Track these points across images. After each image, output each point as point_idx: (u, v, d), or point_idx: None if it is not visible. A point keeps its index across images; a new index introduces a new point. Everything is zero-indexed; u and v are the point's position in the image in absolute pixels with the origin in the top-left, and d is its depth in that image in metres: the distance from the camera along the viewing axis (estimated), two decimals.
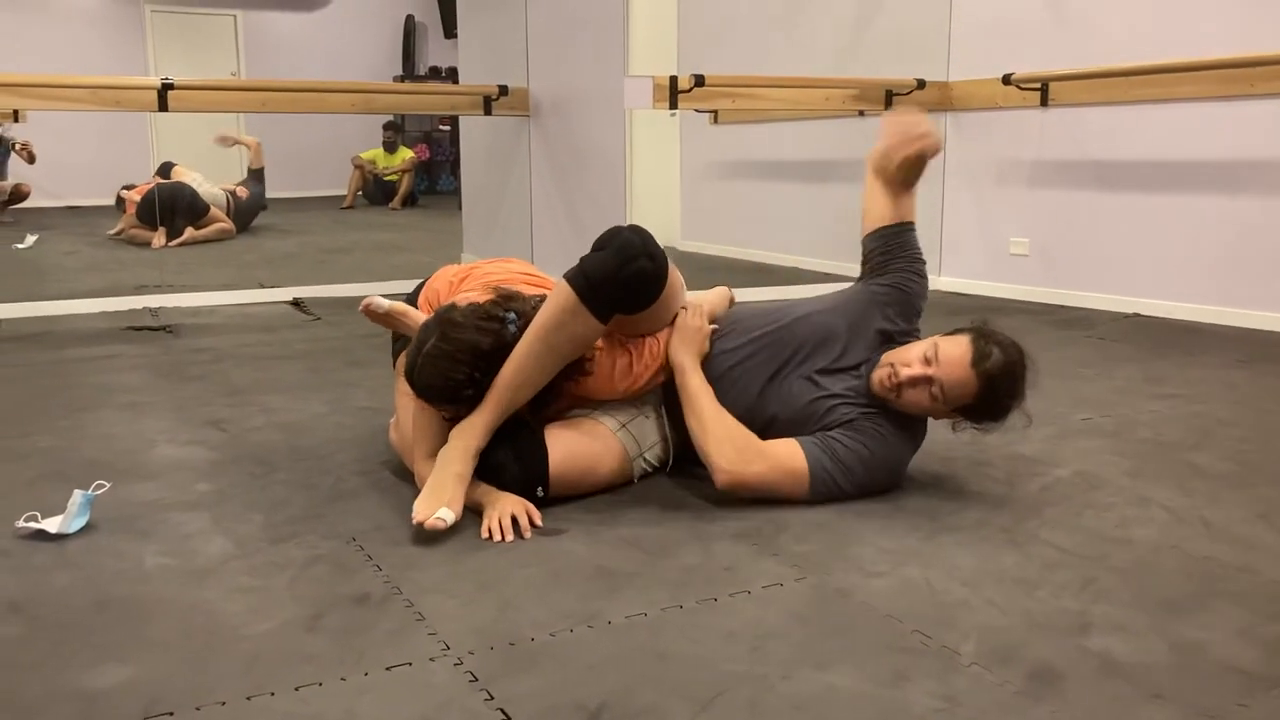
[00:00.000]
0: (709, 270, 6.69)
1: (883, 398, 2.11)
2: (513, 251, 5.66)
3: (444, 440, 2.17)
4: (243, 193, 8.00)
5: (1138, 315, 4.54)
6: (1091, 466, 2.30)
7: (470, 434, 2.03)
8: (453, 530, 1.94)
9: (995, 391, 2.03)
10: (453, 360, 2.01)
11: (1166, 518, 1.99)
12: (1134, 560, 1.79)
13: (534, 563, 1.81)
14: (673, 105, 4.90)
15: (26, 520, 1.99)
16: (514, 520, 1.95)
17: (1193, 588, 1.68)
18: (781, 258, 6.66)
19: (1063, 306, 4.85)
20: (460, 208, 6.43)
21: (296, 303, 4.97)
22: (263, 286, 5.40)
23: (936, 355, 2.05)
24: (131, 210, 7.71)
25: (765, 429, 2.12)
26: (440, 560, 1.83)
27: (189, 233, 7.63)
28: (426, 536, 1.90)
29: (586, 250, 2.04)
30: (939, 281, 5.52)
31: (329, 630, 1.57)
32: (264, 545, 1.92)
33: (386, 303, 2.29)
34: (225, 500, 2.17)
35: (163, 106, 4.67)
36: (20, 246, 7.53)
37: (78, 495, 2.01)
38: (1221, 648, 1.48)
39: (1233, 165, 4.27)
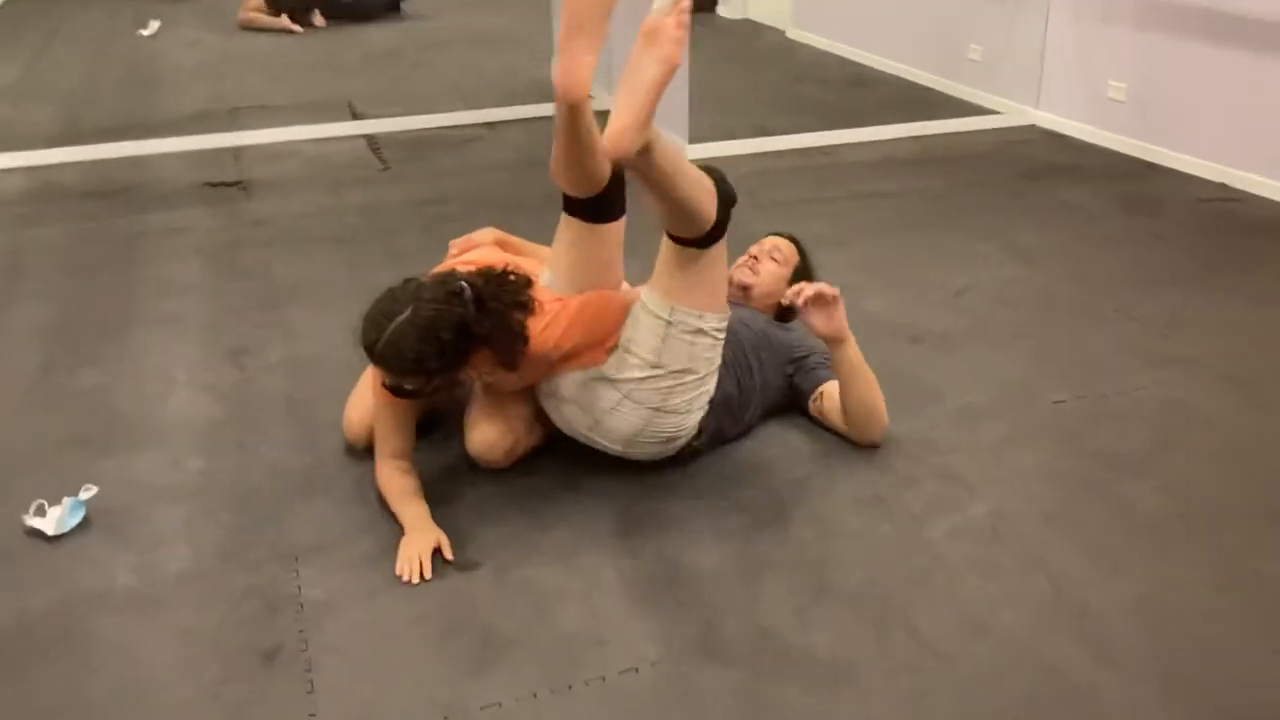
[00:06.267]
0: (816, 67, 6.43)
1: (741, 286, 2.71)
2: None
3: (408, 439, 2.35)
4: None
5: (1225, 189, 4.24)
6: (1011, 501, 2.31)
7: None
8: (382, 559, 2.15)
9: (805, 253, 2.84)
10: (429, 332, 2.09)
11: (1046, 597, 2.02)
12: (976, 671, 1.84)
13: (433, 614, 2.02)
14: None
15: (35, 513, 2.30)
16: (436, 550, 2.16)
17: None
18: (885, 63, 6.34)
19: (1151, 165, 4.56)
20: None
21: (373, 145, 5.08)
22: (355, 116, 5.51)
23: (760, 246, 2.80)
24: None
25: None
26: (358, 600, 2.05)
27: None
28: (358, 569, 2.13)
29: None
30: (1034, 115, 5.22)
31: (227, 702, 1.83)
32: (217, 564, 2.17)
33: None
34: (207, 489, 2.43)
35: None
36: (144, 33, 7.78)
37: (68, 501, 2.31)
38: None
39: None
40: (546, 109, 5.58)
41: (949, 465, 2.43)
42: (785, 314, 2.76)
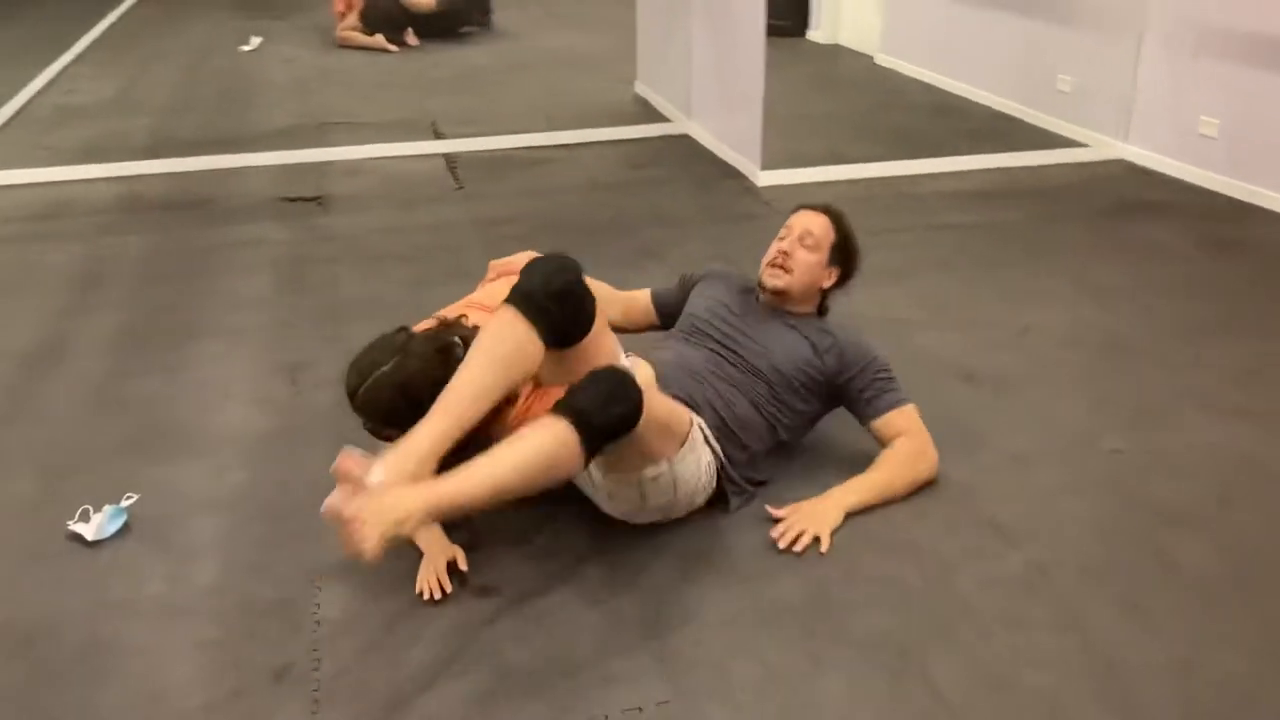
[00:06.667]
0: (901, 94, 6.34)
1: (774, 291, 2.52)
2: (674, 74, 5.53)
3: None
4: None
5: None
6: (1052, 553, 2.21)
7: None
8: (403, 582, 2.15)
9: (842, 222, 2.58)
10: (403, 389, 2.15)
11: (1075, 653, 1.93)
12: None
13: (446, 640, 2.01)
14: None
15: (79, 519, 2.36)
16: (452, 563, 2.17)
17: None
18: (972, 91, 6.22)
19: (1242, 205, 4.38)
20: None
21: (450, 164, 5.14)
22: (437, 135, 5.59)
23: (789, 230, 2.55)
24: (355, 12, 8.02)
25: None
26: (374, 622, 2.06)
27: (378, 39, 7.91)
28: (379, 591, 2.14)
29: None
30: (1122, 149, 5.05)
31: (233, 716, 1.84)
32: (245, 577, 2.20)
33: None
34: (246, 499, 2.47)
35: None
36: (245, 49, 8.02)
37: (108, 508, 2.36)
38: None
39: None
40: (621, 132, 5.60)
41: (990, 513, 2.35)
42: (827, 296, 2.63)
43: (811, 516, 2.27)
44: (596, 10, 9.32)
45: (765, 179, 4.71)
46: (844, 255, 2.57)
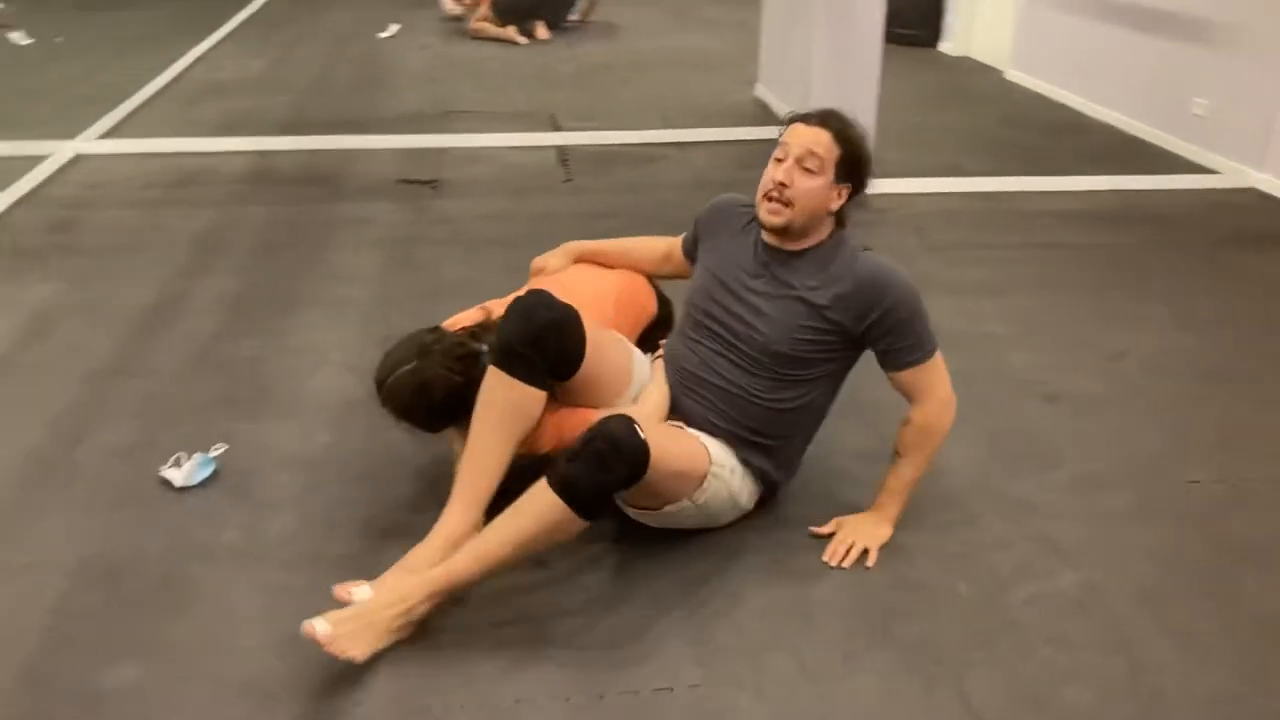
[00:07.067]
0: (1026, 110, 6.21)
1: (774, 230, 2.22)
2: (794, 77, 5.53)
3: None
4: None
5: None
6: (1108, 575, 2.17)
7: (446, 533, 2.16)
8: None
9: (847, 133, 2.20)
10: (421, 390, 2.26)
11: (1120, 679, 1.90)
12: None
13: (490, 606, 2.08)
14: None
15: (171, 465, 2.51)
16: None
17: None
18: (1101, 111, 6.06)
19: None
20: None
21: (563, 157, 5.24)
22: (555, 127, 5.71)
23: (786, 150, 2.19)
24: (485, 3, 8.22)
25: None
26: None
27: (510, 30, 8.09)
28: None
29: None
30: (1256, 178, 4.87)
31: (287, 658, 1.95)
32: (316, 532, 2.31)
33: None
34: (328, 462, 2.58)
35: None
36: (382, 35, 8.28)
37: (198, 457, 2.51)
38: None
39: None
40: (735, 133, 5.63)
41: (1049, 531, 2.32)
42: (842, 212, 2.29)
43: (858, 531, 2.26)
44: (725, 12, 9.35)
45: (874, 187, 4.66)
46: (853, 169, 2.21)
